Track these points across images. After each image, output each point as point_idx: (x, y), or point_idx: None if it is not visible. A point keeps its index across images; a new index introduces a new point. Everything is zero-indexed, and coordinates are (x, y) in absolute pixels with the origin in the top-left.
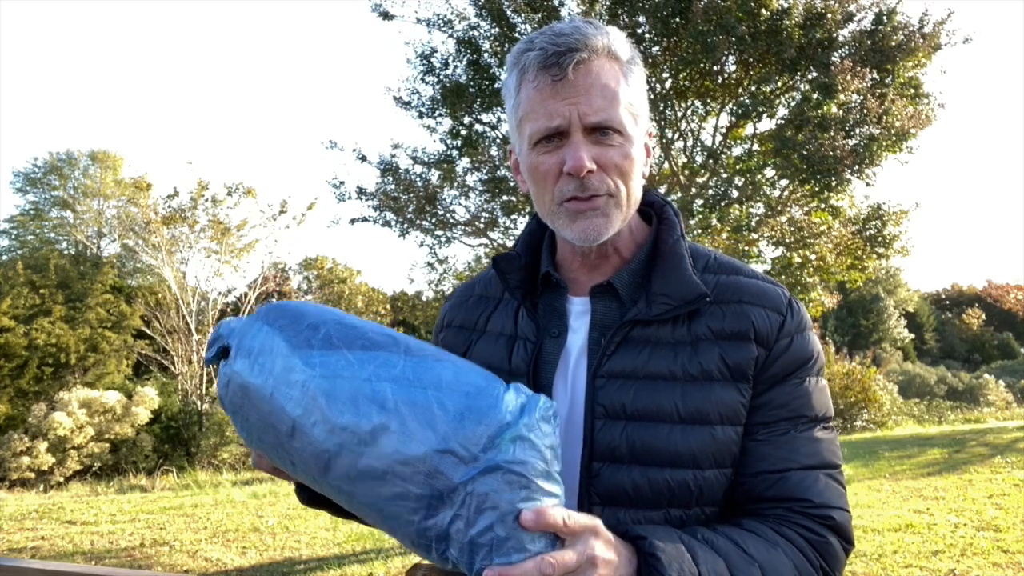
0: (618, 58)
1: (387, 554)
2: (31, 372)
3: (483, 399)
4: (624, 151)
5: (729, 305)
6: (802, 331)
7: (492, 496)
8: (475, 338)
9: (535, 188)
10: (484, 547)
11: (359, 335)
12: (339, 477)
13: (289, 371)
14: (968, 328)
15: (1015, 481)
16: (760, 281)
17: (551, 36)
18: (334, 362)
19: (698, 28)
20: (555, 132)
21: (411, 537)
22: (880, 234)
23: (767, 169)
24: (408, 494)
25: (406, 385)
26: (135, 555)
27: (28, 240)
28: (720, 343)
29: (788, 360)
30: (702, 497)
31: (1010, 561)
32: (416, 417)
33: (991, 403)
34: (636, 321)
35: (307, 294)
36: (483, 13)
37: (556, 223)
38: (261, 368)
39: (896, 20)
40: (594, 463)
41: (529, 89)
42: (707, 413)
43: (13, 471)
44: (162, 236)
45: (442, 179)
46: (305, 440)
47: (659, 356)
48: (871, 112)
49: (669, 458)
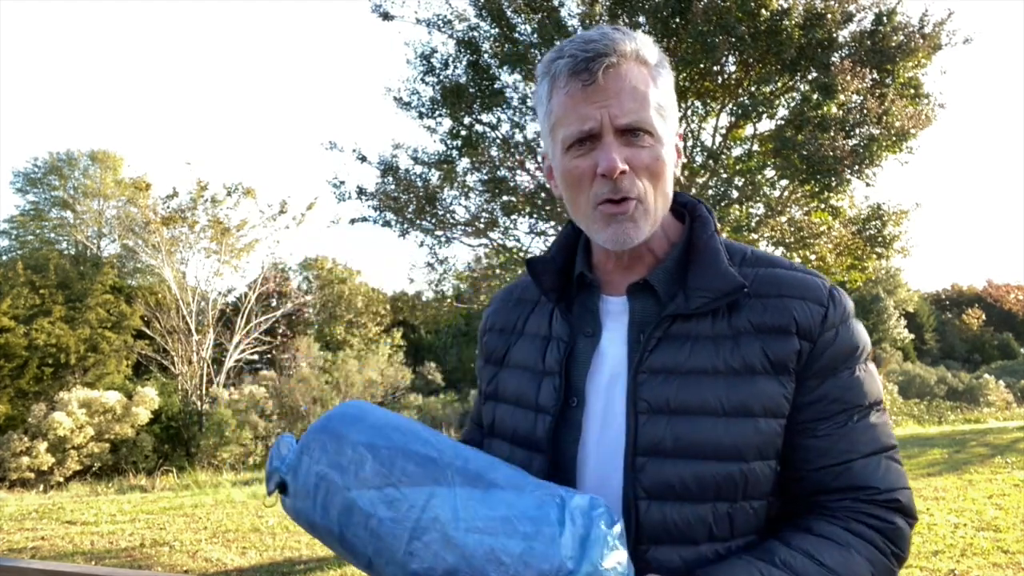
0: (646, 62)
1: None
2: (31, 372)
3: (541, 541)
4: (655, 152)
5: (769, 299)
6: (846, 321)
7: None
8: (514, 340)
9: (569, 192)
10: None
11: (404, 458)
12: None
13: (350, 513)
14: (968, 328)
15: (1015, 481)
16: (799, 273)
17: (580, 43)
18: (390, 499)
19: (698, 28)
20: (587, 135)
21: None
22: (880, 234)
23: (767, 169)
24: None
25: (466, 526)
26: (135, 555)
27: (28, 240)
28: (761, 337)
29: (836, 352)
30: (748, 490)
31: (1010, 561)
32: (485, 564)
33: (991, 403)
34: (676, 316)
35: (307, 294)
36: (483, 14)
37: (590, 227)
38: (324, 510)
39: (896, 20)
40: (639, 458)
41: (561, 95)
42: (750, 406)
43: (13, 471)
44: (162, 236)
45: (442, 179)
46: (384, 572)
47: (700, 351)
48: (871, 112)
49: (714, 451)
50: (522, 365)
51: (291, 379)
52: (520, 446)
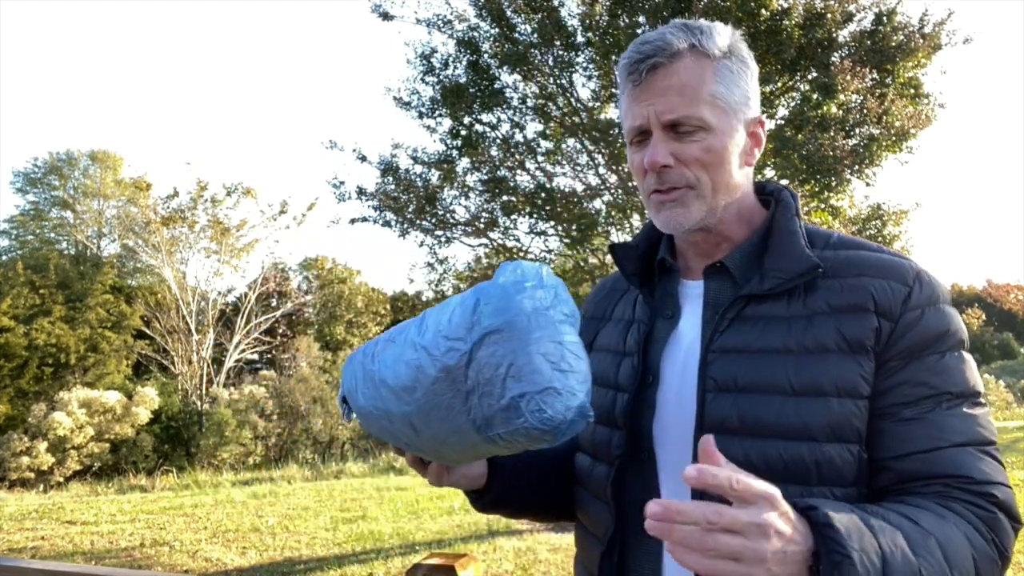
0: (709, 54)
1: (387, 554)
2: (31, 372)
3: (461, 303)
4: (706, 144)
5: (848, 279)
6: (935, 303)
7: (494, 361)
8: (602, 326)
9: (636, 182)
10: (512, 408)
11: (392, 334)
12: (425, 430)
13: (373, 382)
14: (968, 328)
15: (1015, 481)
16: (886, 255)
17: (637, 45)
18: (382, 361)
19: None
20: (640, 131)
21: (479, 440)
22: (880, 234)
23: (767, 169)
24: (452, 405)
25: (422, 334)
26: (135, 555)
27: (28, 240)
28: (837, 316)
29: (920, 334)
30: (823, 474)
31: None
32: (430, 345)
33: (991, 403)
34: (750, 297)
35: (307, 294)
36: (483, 14)
37: (649, 212)
38: (368, 393)
39: (896, 20)
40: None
41: (623, 95)
42: (821, 385)
43: (13, 471)
44: (162, 236)
45: (442, 179)
46: (396, 418)
47: (772, 331)
48: (871, 112)
49: (781, 430)
50: (606, 348)
51: (291, 379)
52: (601, 423)
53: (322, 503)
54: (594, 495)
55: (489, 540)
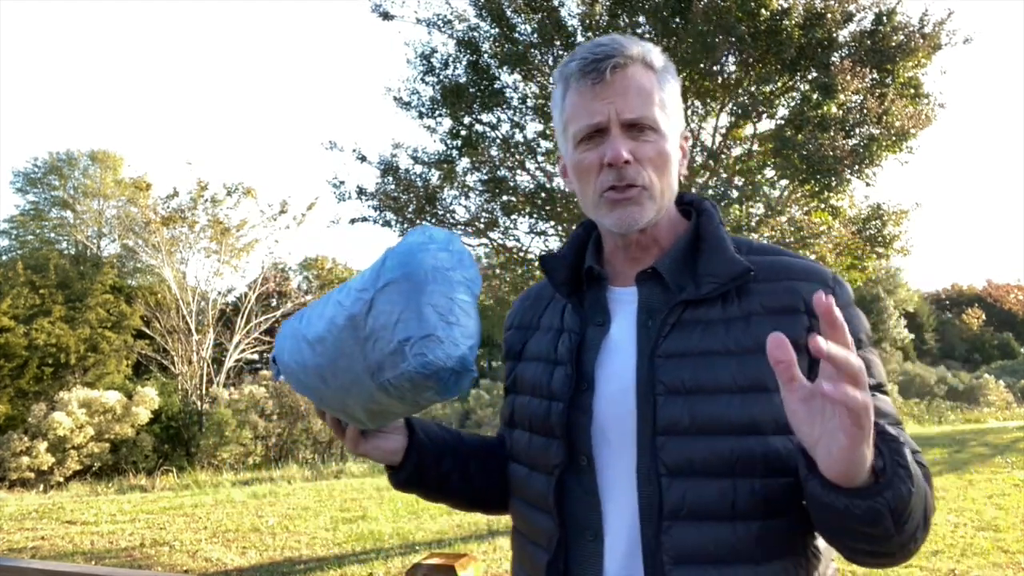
0: (652, 67)
1: (387, 554)
2: (31, 372)
3: (374, 262)
4: (658, 147)
5: (778, 282)
6: (850, 305)
7: (388, 308)
8: (530, 335)
9: (580, 184)
10: (398, 352)
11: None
12: (332, 380)
13: (300, 345)
14: (968, 328)
15: (1015, 481)
16: (802, 260)
17: (591, 47)
18: (308, 318)
19: (698, 28)
20: (596, 129)
21: (374, 388)
22: (880, 234)
23: (767, 169)
24: (353, 352)
25: (341, 290)
26: (135, 555)
27: (28, 240)
28: (772, 317)
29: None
30: (770, 465)
31: (1010, 561)
32: (343, 298)
33: (991, 403)
34: (688, 302)
35: (307, 294)
36: (483, 14)
37: (598, 213)
38: (295, 356)
39: (896, 20)
40: (659, 437)
41: (573, 95)
42: (764, 381)
43: (13, 471)
44: (162, 236)
45: (442, 179)
46: (311, 371)
47: (712, 334)
48: (871, 112)
49: (731, 426)
50: (537, 357)
51: None
52: (537, 433)
53: (322, 503)
54: (533, 504)
55: (489, 540)
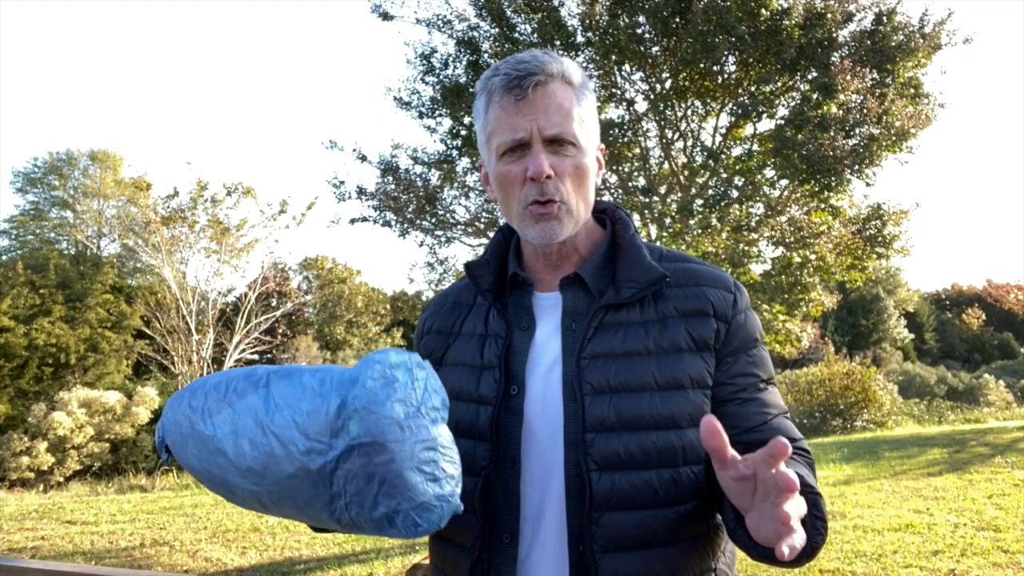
0: (571, 83)
1: (387, 554)
2: (31, 372)
3: (320, 395)
4: (577, 161)
5: (689, 288)
6: (748, 308)
7: (365, 473)
8: (451, 341)
9: (502, 194)
10: (386, 519)
11: (235, 380)
12: (275, 508)
13: (204, 444)
14: (968, 328)
15: (1015, 481)
16: (708, 267)
17: (513, 64)
18: (225, 418)
19: (698, 28)
20: (518, 144)
21: (339, 528)
22: (880, 234)
23: (767, 169)
24: (312, 501)
25: (270, 413)
26: (135, 555)
27: (28, 240)
28: (685, 320)
29: (744, 333)
30: (687, 456)
31: (1010, 561)
32: (283, 436)
33: (991, 403)
34: (609, 306)
35: (307, 294)
36: (483, 14)
37: (522, 224)
38: (195, 453)
39: (896, 20)
40: (587, 434)
41: (496, 109)
42: (680, 380)
43: (13, 471)
44: (162, 236)
45: (442, 179)
46: (238, 490)
47: (632, 336)
48: (871, 112)
49: (653, 422)
50: (462, 363)
51: None
52: (462, 436)
53: None
54: None
55: None
